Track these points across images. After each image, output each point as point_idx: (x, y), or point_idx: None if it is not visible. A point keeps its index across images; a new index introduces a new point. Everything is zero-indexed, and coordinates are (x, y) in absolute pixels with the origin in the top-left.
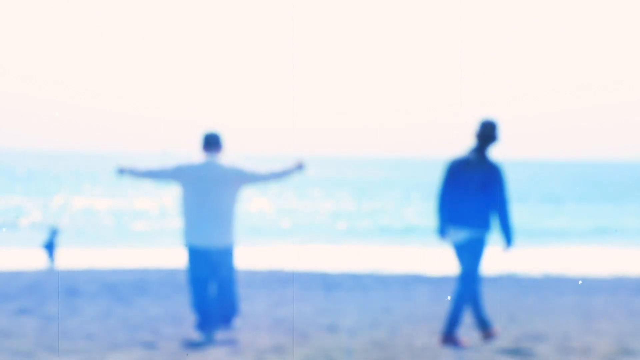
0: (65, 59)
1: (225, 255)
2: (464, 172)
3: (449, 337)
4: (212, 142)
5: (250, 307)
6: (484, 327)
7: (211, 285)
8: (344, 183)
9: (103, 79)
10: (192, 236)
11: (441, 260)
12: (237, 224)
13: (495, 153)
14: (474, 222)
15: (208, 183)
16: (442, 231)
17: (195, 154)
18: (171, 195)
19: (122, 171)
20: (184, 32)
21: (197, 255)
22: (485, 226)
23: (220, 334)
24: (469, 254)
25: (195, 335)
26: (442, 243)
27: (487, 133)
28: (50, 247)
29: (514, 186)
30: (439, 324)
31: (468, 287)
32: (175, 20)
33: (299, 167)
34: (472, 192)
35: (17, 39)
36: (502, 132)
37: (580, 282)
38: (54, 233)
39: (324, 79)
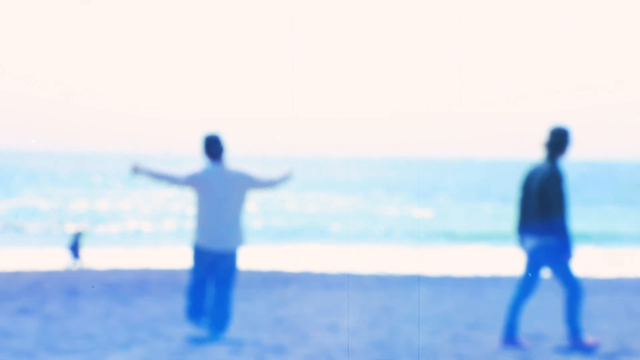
0: (65, 59)
1: (228, 259)
2: (532, 182)
3: (577, 342)
4: (214, 146)
5: (250, 307)
6: (510, 332)
7: (209, 286)
8: (343, 183)
9: (103, 79)
10: (202, 238)
11: (441, 260)
12: (245, 228)
13: (565, 159)
14: (538, 230)
15: (220, 190)
16: (519, 240)
17: (198, 157)
18: (170, 196)
19: (137, 170)
20: (184, 32)
21: (203, 255)
22: (550, 234)
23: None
24: (547, 262)
25: (188, 325)
26: (520, 250)
27: (555, 141)
28: (75, 248)
29: (514, 188)
30: (438, 324)
31: (572, 289)
32: (175, 20)
33: (290, 174)
34: (537, 200)
35: (17, 39)
36: (572, 139)
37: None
38: (78, 234)
39: (324, 79)
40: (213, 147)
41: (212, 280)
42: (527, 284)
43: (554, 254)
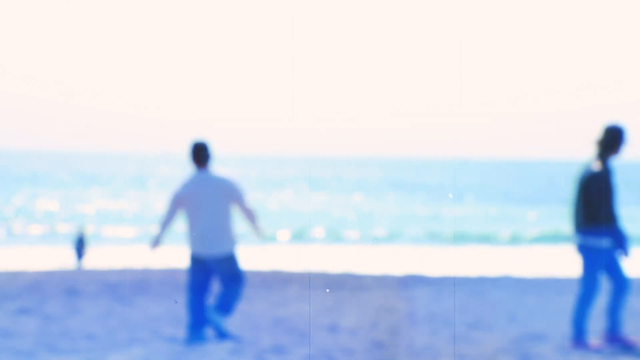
0: (65, 59)
1: (227, 261)
2: (581, 180)
3: (579, 342)
4: (201, 153)
5: (250, 307)
6: (578, 335)
7: (208, 292)
8: (343, 183)
9: (103, 79)
10: (196, 246)
11: (441, 260)
12: (234, 231)
13: (617, 158)
14: (583, 229)
15: (206, 197)
16: (575, 239)
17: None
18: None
19: (156, 242)
20: (184, 32)
21: (198, 263)
22: (593, 234)
23: (218, 333)
24: (584, 260)
25: (187, 334)
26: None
27: (608, 139)
28: (79, 248)
29: (515, 188)
30: (439, 324)
31: (585, 291)
32: (175, 20)
33: (260, 233)
34: (584, 199)
35: (17, 39)
36: (627, 137)
37: None
38: (82, 234)
39: (324, 79)
40: (200, 154)
41: (216, 284)
42: (588, 285)
43: (590, 254)
